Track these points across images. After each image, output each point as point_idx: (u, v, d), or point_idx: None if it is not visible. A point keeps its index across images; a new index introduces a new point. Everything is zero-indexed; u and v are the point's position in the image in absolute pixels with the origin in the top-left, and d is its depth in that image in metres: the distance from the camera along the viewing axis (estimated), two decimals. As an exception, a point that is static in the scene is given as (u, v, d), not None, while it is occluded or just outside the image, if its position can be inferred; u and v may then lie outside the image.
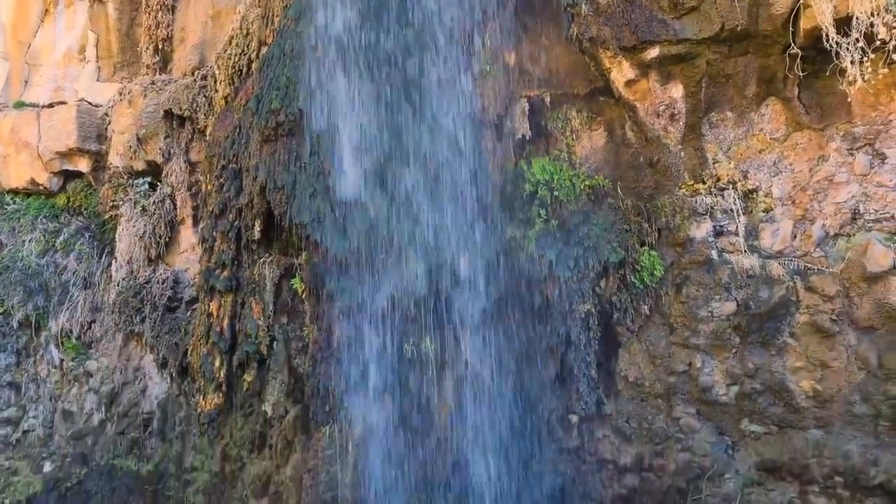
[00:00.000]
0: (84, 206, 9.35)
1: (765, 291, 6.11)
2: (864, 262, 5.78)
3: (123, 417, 8.57)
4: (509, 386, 6.68)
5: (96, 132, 9.17)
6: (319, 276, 6.86)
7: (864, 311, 5.85)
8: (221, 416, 7.64)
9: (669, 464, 6.49)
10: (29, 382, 9.03)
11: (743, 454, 6.31)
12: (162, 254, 8.61)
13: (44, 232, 9.19)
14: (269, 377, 7.52)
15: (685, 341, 6.45)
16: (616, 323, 6.69)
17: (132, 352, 8.73)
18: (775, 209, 6.23)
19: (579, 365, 6.67)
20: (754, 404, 6.23)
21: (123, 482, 8.05)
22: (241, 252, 7.40)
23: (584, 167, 7.00)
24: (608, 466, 6.71)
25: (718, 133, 6.45)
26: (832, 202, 6.01)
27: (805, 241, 6.11)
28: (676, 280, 6.50)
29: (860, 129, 5.92)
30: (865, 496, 5.84)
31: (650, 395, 6.63)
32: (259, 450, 7.78)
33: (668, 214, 6.52)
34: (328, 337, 6.96)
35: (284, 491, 7.51)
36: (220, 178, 7.31)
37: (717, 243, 6.38)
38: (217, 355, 7.40)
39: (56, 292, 8.97)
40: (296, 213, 6.68)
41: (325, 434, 7.23)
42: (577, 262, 6.60)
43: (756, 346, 6.23)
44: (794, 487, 6.10)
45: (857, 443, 5.89)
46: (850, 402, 5.92)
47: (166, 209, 8.47)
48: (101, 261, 9.01)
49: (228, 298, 7.43)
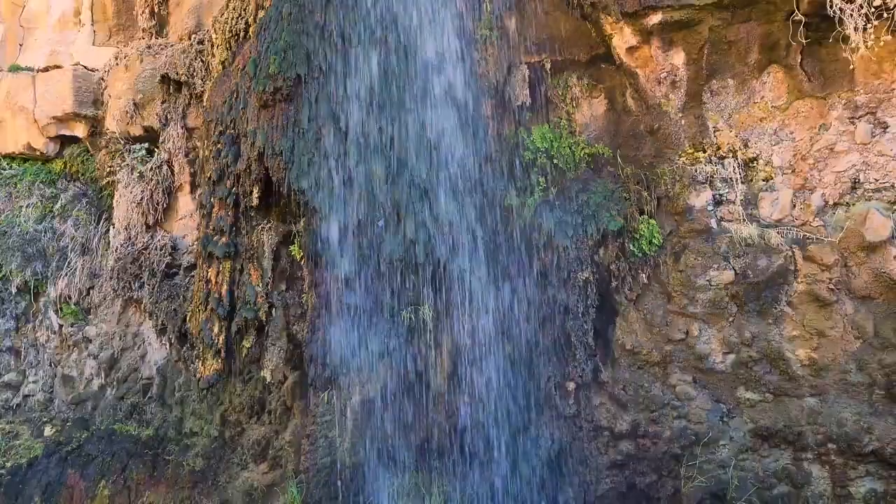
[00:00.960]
0: (81, 172, 9.30)
1: (763, 260, 6.12)
2: (863, 231, 5.78)
3: (123, 383, 8.62)
4: (507, 353, 6.71)
5: (92, 97, 9.09)
6: (318, 242, 6.85)
7: (861, 281, 5.87)
8: (220, 381, 7.68)
9: (665, 430, 6.56)
10: (28, 347, 9.07)
11: (738, 421, 6.37)
12: (160, 220, 8.58)
13: (41, 198, 9.16)
14: (268, 343, 7.55)
15: (683, 310, 6.48)
16: (614, 291, 6.71)
17: (131, 318, 8.75)
18: (775, 178, 6.22)
19: (577, 333, 6.70)
20: (750, 372, 6.28)
21: (124, 446, 8.12)
22: (240, 218, 7.37)
23: (583, 135, 6.96)
24: (604, 433, 6.77)
25: (719, 101, 6.41)
26: (832, 171, 5.99)
27: (804, 210, 6.10)
28: (675, 249, 6.50)
29: (862, 97, 5.88)
30: (858, 463, 5.91)
31: (647, 363, 6.67)
32: (258, 415, 7.85)
33: (667, 183, 6.51)
34: (327, 303, 6.96)
35: (283, 455, 7.59)
36: (217, 143, 7.26)
37: (717, 212, 6.38)
38: (216, 321, 7.41)
39: (54, 258, 8.97)
40: (294, 179, 6.64)
41: (324, 400, 7.28)
42: (576, 230, 6.59)
43: (753, 315, 6.26)
44: (788, 454, 6.18)
45: (852, 411, 5.95)
46: (845, 371, 5.97)
47: (164, 175, 8.43)
48: (98, 227, 8.99)
49: (227, 265, 7.42)
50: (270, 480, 7.58)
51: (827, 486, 6.03)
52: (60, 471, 8.12)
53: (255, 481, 7.61)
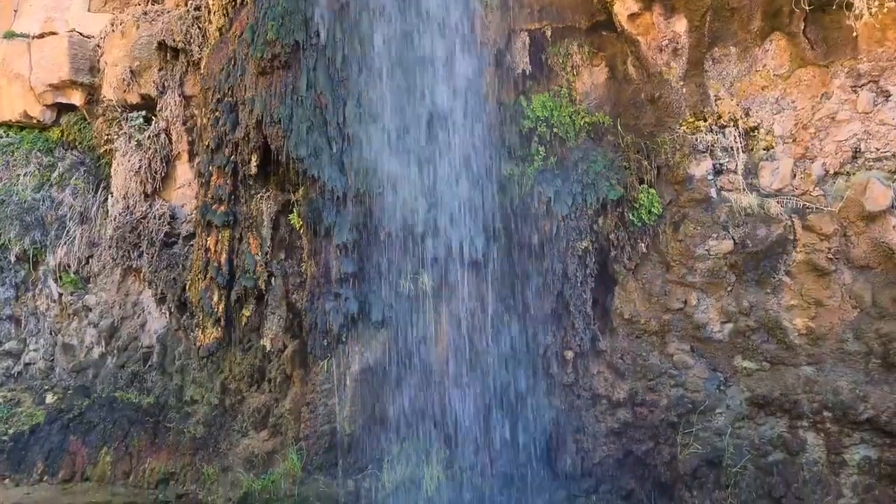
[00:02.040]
0: (78, 140, 9.24)
1: (762, 230, 6.12)
2: (863, 201, 5.77)
3: (123, 351, 8.66)
4: (505, 322, 6.74)
5: (89, 64, 9.00)
6: (317, 211, 6.84)
7: (860, 250, 5.87)
8: (220, 350, 7.71)
9: (662, 399, 6.61)
10: (28, 316, 9.09)
11: (735, 390, 6.42)
12: (158, 189, 8.55)
13: (38, 166, 9.12)
14: (268, 312, 7.57)
15: (681, 279, 6.49)
16: (613, 260, 6.72)
17: (130, 287, 8.76)
18: (776, 147, 6.19)
19: (575, 302, 6.72)
20: (748, 341, 6.31)
21: (125, 414, 8.18)
22: (238, 187, 7.35)
23: (584, 104, 6.92)
24: (602, 401, 6.83)
25: (721, 69, 6.36)
26: (833, 140, 5.96)
27: (804, 179, 6.09)
28: (674, 218, 6.49)
29: (865, 65, 5.83)
30: (853, 430, 5.96)
31: (645, 332, 6.70)
32: (258, 383, 7.90)
33: (667, 152, 6.48)
34: (326, 272, 6.97)
35: (283, 423, 7.64)
36: (215, 111, 7.20)
37: (717, 181, 6.36)
38: (215, 290, 7.42)
39: (53, 227, 8.95)
40: (293, 148, 6.61)
41: (323, 368, 7.32)
42: (576, 199, 6.58)
43: (751, 285, 6.27)
44: (784, 422, 6.23)
45: (848, 379, 5.99)
46: (842, 340, 6.00)
47: (161, 143, 8.38)
48: (96, 195, 8.96)
49: (226, 233, 7.41)
50: (271, 447, 7.65)
51: (821, 454, 6.09)
52: (62, 437, 8.19)
53: (255, 448, 7.68)
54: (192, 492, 7.56)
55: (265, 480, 7.28)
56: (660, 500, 6.52)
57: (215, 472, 7.60)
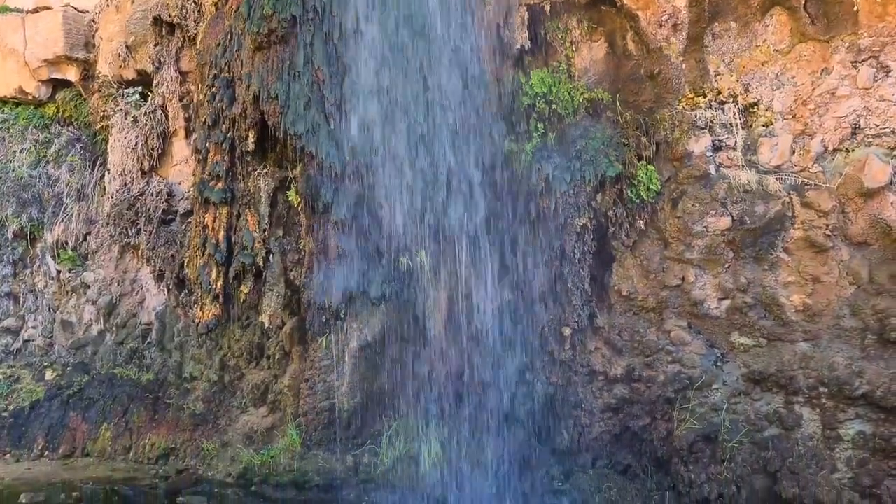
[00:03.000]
0: (74, 117, 9.19)
1: (760, 206, 6.12)
2: (862, 177, 5.76)
3: (122, 328, 8.68)
4: (503, 298, 6.75)
5: (84, 39, 8.92)
6: (315, 187, 6.82)
7: (858, 227, 5.87)
8: (219, 327, 7.73)
9: (659, 375, 6.64)
10: (27, 293, 9.10)
11: (731, 366, 6.46)
12: (155, 166, 8.52)
13: (34, 142, 9.07)
14: (266, 289, 7.58)
15: (679, 256, 6.50)
16: (611, 237, 6.72)
17: (129, 264, 8.76)
18: (775, 123, 6.17)
19: (573, 278, 6.73)
20: (745, 318, 6.33)
21: (124, 390, 8.22)
22: (236, 163, 7.32)
23: (583, 80, 6.88)
24: (599, 377, 6.86)
25: (721, 44, 6.32)
26: (833, 116, 5.94)
27: (803, 156, 6.07)
28: (673, 195, 6.49)
29: (866, 40, 5.79)
30: (848, 406, 6.01)
31: (642, 309, 6.72)
32: (257, 360, 7.93)
33: (666, 128, 6.46)
34: (324, 249, 6.97)
35: (282, 399, 7.69)
36: (211, 87, 7.16)
37: (716, 158, 6.35)
38: (213, 267, 7.42)
39: (50, 204, 8.93)
40: (290, 124, 6.57)
41: (322, 345, 7.35)
42: (574, 175, 6.56)
43: (749, 261, 6.28)
44: (780, 398, 6.27)
45: (844, 355, 6.02)
46: (838, 316, 6.02)
47: (158, 120, 8.33)
48: (93, 172, 8.93)
49: (223, 210, 7.40)
50: (270, 423, 7.71)
51: (817, 429, 6.14)
52: (62, 413, 8.24)
53: (254, 424, 7.74)
54: (192, 467, 7.62)
55: (265, 455, 7.34)
56: (656, 475, 6.59)
57: (215, 448, 7.66)
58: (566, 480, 6.71)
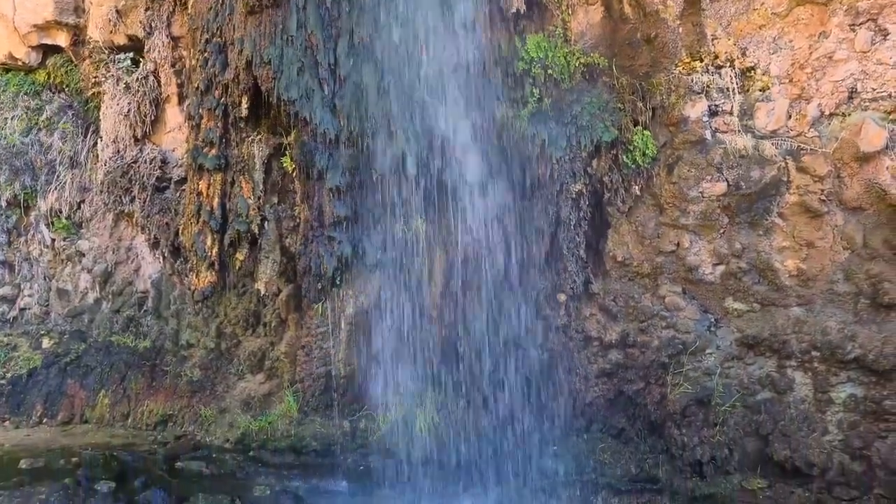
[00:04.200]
0: (65, 83, 9.07)
1: (756, 172, 6.11)
2: (858, 141, 5.75)
3: (118, 296, 8.68)
4: (499, 265, 6.75)
5: (73, 4, 8.76)
6: (309, 154, 6.78)
7: (853, 192, 5.88)
8: (215, 294, 7.75)
9: (653, 340, 6.69)
10: (22, 261, 9.07)
11: (725, 331, 6.50)
12: (148, 133, 8.44)
13: (26, 109, 8.96)
14: (262, 256, 7.58)
15: (674, 221, 6.50)
16: (607, 203, 6.71)
17: (123, 232, 8.73)
18: (772, 88, 6.13)
19: (569, 245, 6.73)
20: (739, 283, 6.36)
21: (121, 357, 8.24)
22: (229, 130, 7.26)
23: (579, 44, 6.81)
24: (594, 343, 6.90)
25: (719, 7, 6.25)
26: (830, 80, 5.91)
27: (800, 120, 6.05)
28: (668, 160, 6.47)
29: (864, 3, 5.74)
30: (840, 369, 6.07)
31: (637, 275, 6.74)
32: (253, 327, 7.95)
33: (663, 93, 6.42)
34: (319, 216, 6.95)
35: (279, 366, 7.73)
36: (204, 52, 7.07)
37: (712, 123, 6.32)
38: (208, 234, 7.41)
39: (42, 171, 8.86)
40: (283, 89, 6.52)
41: (318, 312, 7.37)
42: (570, 141, 6.53)
43: (744, 227, 6.29)
44: (773, 362, 6.33)
45: (837, 319, 6.07)
46: (832, 281, 6.05)
47: (150, 86, 8.24)
48: (86, 140, 8.84)
49: (218, 177, 7.36)
50: (267, 390, 7.76)
51: (809, 392, 6.21)
52: (60, 381, 8.27)
53: (252, 391, 7.79)
54: (190, 433, 7.68)
55: (262, 421, 7.40)
56: (649, 438, 6.67)
57: (213, 414, 7.71)
58: (561, 444, 6.78)
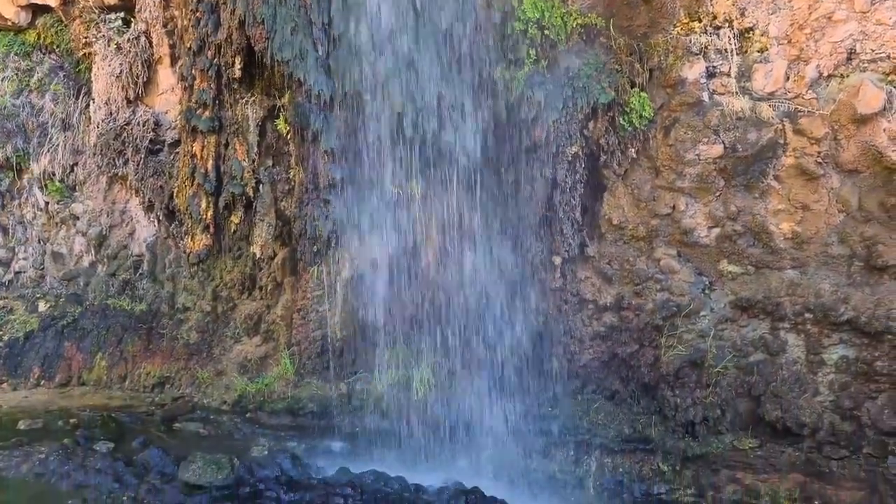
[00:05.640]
0: (56, 44, 8.93)
1: (753, 134, 6.08)
2: (856, 103, 5.72)
3: (113, 259, 8.67)
4: (495, 227, 6.75)
5: (62, -38, 8.61)
6: (304, 116, 6.73)
7: (849, 154, 5.87)
8: (211, 257, 7.74)
9: (647, 303, 6.72)
10: (16, 224, 9.04)
11: (719, 293, 6.54)
12: (141, 94, 8.35)
13: (16, 70, 8.84)
14: (257, 220, 7.57)
15: (670, 184, 6.49)
16: (603, 166, 6.69)
17: (117, 195, 8.69)
18: (770, 49, 6.08)
19: (564, 208, 6.72)
20: (734, 246, 6.37)
21: (118, 320, 8.26)
22: (222, 91, 7.19)
23: (576, 4, 6.71)
24: (589, 306, 6.94)
25: (718, -34, 6.17)
26: (829, 41, 5.86)
27: (798, 82, 6.01)
28: (665, 122, 6.43)
29: (865, -38, 5.67)
30: (832, 331, 6.12)
31: (633, 238, 6.74)
32: (249, 291, 7.97)
33: (660, 54, 6.36)
34: (314, 179, 6.92)
35: (275, 329, 7.76)
36: (196, 12, 6.96)
37: (709, 85, 6.27)
38: (203, 196, 7.38)
39: (35, 134, 8.77)
40: (277, 50, 6.43)
41: (314, 275, 7.37)
42: (566, 103, 6.48)
43: (740, 189, 6.29)
44: (766, 324, 6.38)
45: (830, 282, 6.10)
46: (826, 244, 6.07)
47: (142, 47, 8.12)
48: (78, 101, 8.74)
49: (212, 139, 7.31)
50: (264, 353, 7.80)
51: (801, 354, 6.27)
52: (57, 343, 8.30)
53: (248, 353, 7.83)
54: (187, 395, 7.74)
55: (259, 384, 7.46)
56: (643, 400, 6.74)
57: (210, 377, 7.77)
58: (555, 406, 6.85)
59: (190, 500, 4.97)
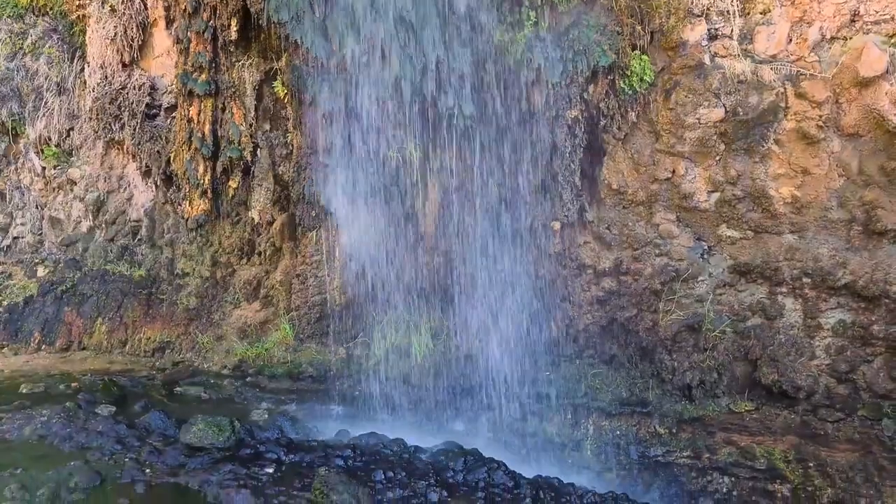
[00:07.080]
0: (49, 6, 8.79)
1: (754, 97, 6.03)
2: (858, 66, 5.67)
3: (111, 225, 8.65)
4: (494, 192, 6.73)
5: (54, -78, 8.46)
6: (301, 79, 6.66)
7: (851, 118, 5.83)
8: (209, 223, 7.72)
9: (646, 268, 6.73)
10: (13, 190, 8.99)
11: (718, 258, 6.54)
12: (136, 58, 8.24)
13: (9, 33, 8.72)
14: (255, 184, 7.53)
15: (670, 149, 6.46)
16: (602, 130, 6.65)
17: (114, 160, 8.63)
18: (773, 10, 6.01)
19: (564, 172, 6.70)
20: (733, 210, 6.36)
21: (117, 286, 8.26)
22: (219, 54, 7.10)
23: (577, -36, 6.61)
24: (587, 271, 6.95)
25: (722, -74, 6.07)
26: (832, 2, 5.79)
27: (800, 44, 5.95)
28: (666, 86, 6.38)
29: (872, -80, 5.58)
30: (830, 295, 6.14)
31: (632, 203, 6.73)
32: (248, 256, 7.96)
33: (662, 16, 6.28)
34: (312, 142, 6.88)
35: (274, 294, 7.77)
36: (191, -28, 6.86)
37: (711, 47, 6.21)
38: (200, 161, 7.33)
39: (30, 98, 8.68)
40: (273, 11, 6.35)
41: (312, 240, 7.36)
42: (566, 66, 6.42)
43: (740, 153, 6.26)
44: (764, 288, 6.39)
45: (829, 246, 6.11)
46: (826, 208, 6.07)
47: (137, 9, 7.99)
48: (72, 65, 8.63)
49: (208, 103, 7.24)
50: (263, 318, 7.82)
51: (798, 318, 6.30)
52: (57, 308, 8.31)
53: (248, 318, 7.85)
54: (187, 359, 7.78)
55: (259, 348, 7.49)
56: (640, 364, 6.78)
57: (210, 341, 7.80)
58: (554, 370, 6.90)
59: (192, 462, 5.01)
